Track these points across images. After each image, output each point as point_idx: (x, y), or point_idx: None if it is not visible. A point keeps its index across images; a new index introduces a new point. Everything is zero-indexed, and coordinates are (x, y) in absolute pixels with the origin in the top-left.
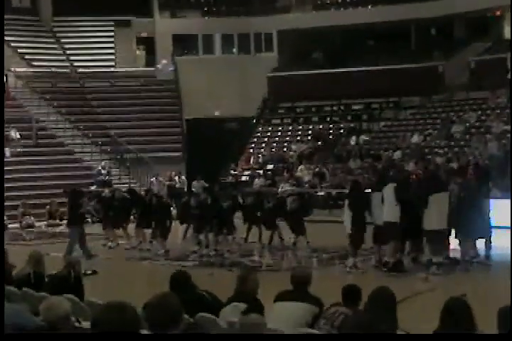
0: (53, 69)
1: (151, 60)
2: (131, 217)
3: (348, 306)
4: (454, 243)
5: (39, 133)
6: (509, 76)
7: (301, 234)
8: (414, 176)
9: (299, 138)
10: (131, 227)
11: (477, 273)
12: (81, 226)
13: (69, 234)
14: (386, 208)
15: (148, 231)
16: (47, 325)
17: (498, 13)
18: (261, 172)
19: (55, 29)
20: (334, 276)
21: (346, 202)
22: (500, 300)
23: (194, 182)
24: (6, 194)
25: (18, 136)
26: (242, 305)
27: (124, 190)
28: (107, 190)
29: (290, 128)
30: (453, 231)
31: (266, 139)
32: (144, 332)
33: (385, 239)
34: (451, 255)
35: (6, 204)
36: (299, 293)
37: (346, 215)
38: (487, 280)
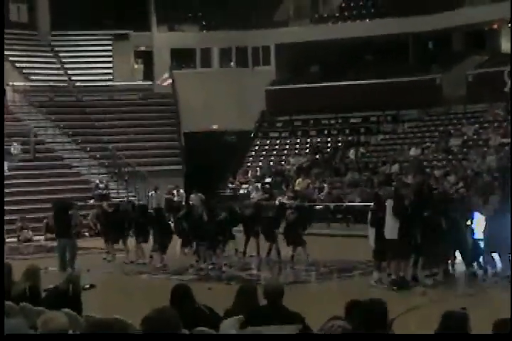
0: (51, 83)
1: (149, 73)
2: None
3: (350, 322)
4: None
5: (37, 146)
6: (506, 89)
7: (300, 245)
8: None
9: (296, 151)
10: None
11: (478, 287)
12: (71, 238)
13: (57, 246)
14: (386, 225)
15: (147, 246)
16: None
17: (495, 26)
18: (259, 185)
19: (53, 43)
20: (334, 290)
21: (370, 215)
22: (499, 313)
23: (192, 196)
24: (4, 208)
25: (17, 152)
26: (243, 318)
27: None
28: (105, 204)
29: (288, 141)
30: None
31: (264, 152)
32: None
33: (382, 256)
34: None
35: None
36: (275, 310)
37: (371, 228)
38: (487, 293)
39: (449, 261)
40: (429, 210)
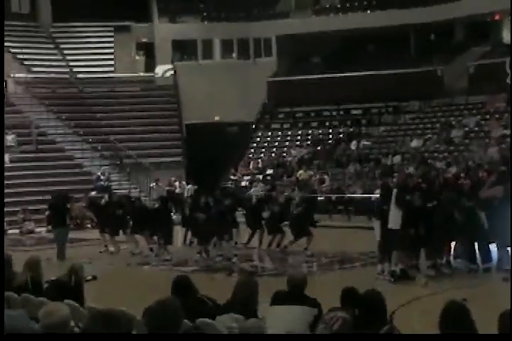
0: (53, 75)
1: (150, 65)
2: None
3: (346, 309)
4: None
5: (39, 138)
6: (508, 80)
7: (307, 235)
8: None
9: (298, 142)
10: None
11: (478, 278)
12: (66, 228)
13: (55, 236)
14: (390, 215)
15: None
16: (45, 331)
17: (497, 17)
18: (260, 177)
19: (55, 35)
20: (336, 281)
21: (376, 206)
22: (500, 304)
23: (189, 186)
24: (6, 200)
25: (12, 143)
26: (239, 317)
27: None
28: (106, 196)
29: (289, 133)
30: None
31: (265, 144)
32: None
33: (386, 247)
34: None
35: (6, 209)
36: (296, 295)
37: (376, 220)
38: (487, 285)
39: (451, 252)
40: (435, 201)
